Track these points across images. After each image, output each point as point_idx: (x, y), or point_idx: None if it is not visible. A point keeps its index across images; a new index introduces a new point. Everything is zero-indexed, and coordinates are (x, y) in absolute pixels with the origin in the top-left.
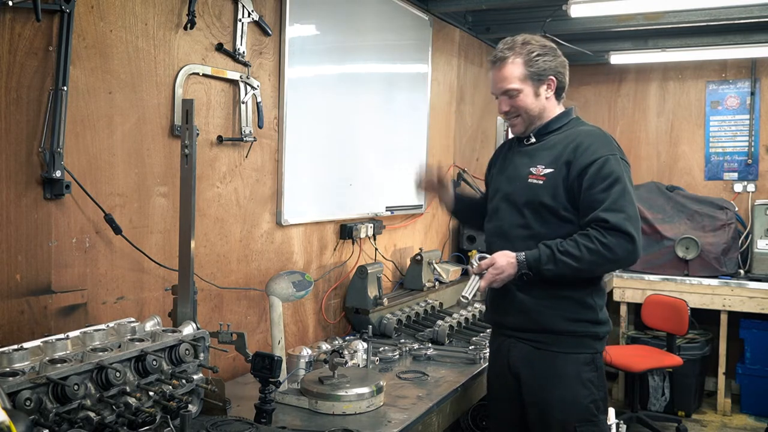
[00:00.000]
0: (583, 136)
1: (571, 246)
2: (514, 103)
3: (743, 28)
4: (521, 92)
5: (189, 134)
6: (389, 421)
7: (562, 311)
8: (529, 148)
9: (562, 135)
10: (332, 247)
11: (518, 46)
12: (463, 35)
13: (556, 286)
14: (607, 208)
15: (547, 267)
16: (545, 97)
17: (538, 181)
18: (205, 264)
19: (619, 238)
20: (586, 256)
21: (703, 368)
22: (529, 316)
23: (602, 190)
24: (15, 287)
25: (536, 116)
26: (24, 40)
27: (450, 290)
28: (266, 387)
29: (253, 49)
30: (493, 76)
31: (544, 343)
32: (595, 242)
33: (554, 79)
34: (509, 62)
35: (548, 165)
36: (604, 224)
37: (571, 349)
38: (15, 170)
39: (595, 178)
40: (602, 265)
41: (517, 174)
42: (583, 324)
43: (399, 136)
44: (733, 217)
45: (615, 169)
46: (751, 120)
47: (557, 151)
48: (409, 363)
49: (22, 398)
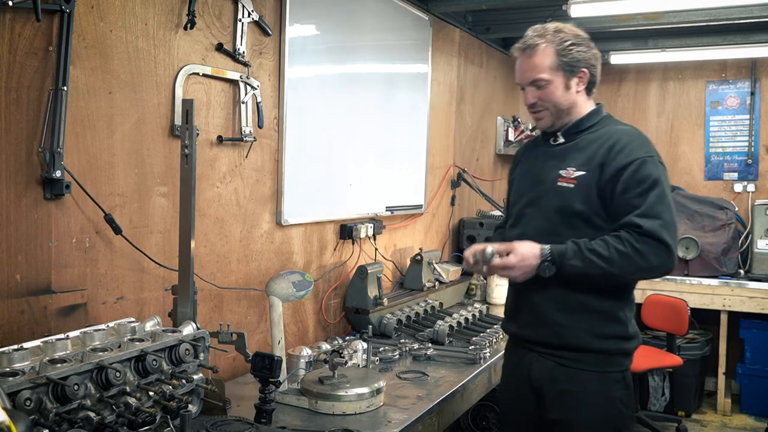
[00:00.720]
0: (618, 135)
1: (599, 245)
2: (542, 95)
3: (743, 28)
4: (551, 83)
5: (189, 134)
6: (389, 421)
7: (590, 326)
8: (558, 149)
9: (595, 135)
10: (332, 247)
11: (550, 34)
12: (463, 35)
13: (584, 297)
14: (642, 214)
15: (572, 262)
16: (576, 90)
17: (568, 185)
18: (205, 264)
19: (653, 246)
20: (615, 258)
21: (703, 368)
22: (553, 331)
23: (638, 195)
24: (15, 287)
25: (565, 111)
26: (24, 40)
27: (450, 290)
28: (266, 387)
29: (253, 49)
30: (521, 65)
31: (569, 359)
32: (626, 245)
33: (587, 71)
34: (540, 50)
35: (580, 167)
36: (638, 230)
37: (598, 366)
38: (15, 170)
39: (631, 181)
40: (633, 271)
41: (544, 177)
42: (612, 341)
43: (399, 136)
44: (733, 217)
45: (652, 172)
46: (751, 120)
47: (590, 153)
48: (409, 363)
49: (22, 398)
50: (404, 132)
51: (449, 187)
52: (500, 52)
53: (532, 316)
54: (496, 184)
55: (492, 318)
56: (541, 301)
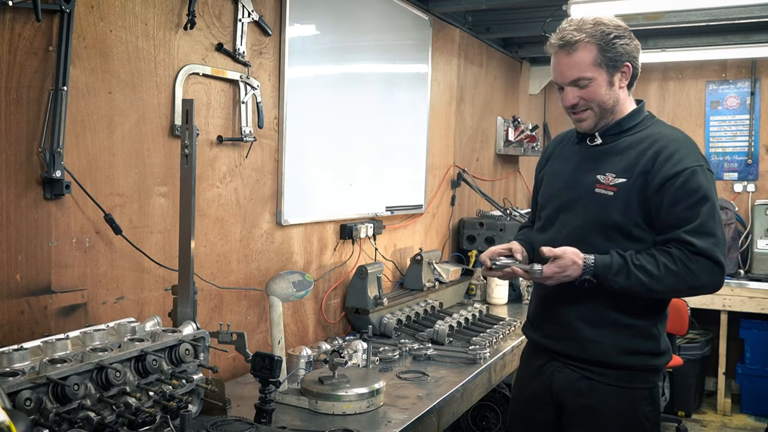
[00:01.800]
0: (664, 141)
1: (648, 261)
2: (585, 95)
3: (743, 28)
4: (594, 81)
5: (189, 134)
6: (389, 421)
7: (621, 343)
8: (595, 151)
9: (636, 137)
10: (332, 247)
11: (590, 27)
12: (463, 35)
13: (616, 314)
14: (694, 231)
15: (617, 279)
16: (619, 87)
17: (607, 192)
18: (205, 264)
19: (706, 266)
20: (664, 277)
21: (703, 368)
22: (581, 345)
23: (688, 208)
24: (15, 287)
25: (609, 110)
26: (24, 40)
27: (450, 290)
28: (266, 387)
29: (253, 49)
30: (559, 63)
31: (595, 373)
32: (678, 264)
33: (630, 66)
34: (581, 45)
35: (620, 174)
36: (691, 248)
37: (626, 383)
38: (15, 170)
39: (680, 193)
40: (682, 291)
41: (579, 181)
42: (641, 357)
43: (399, 136)
44: (733, 217)
45: (703, 183)
46: (751, 120)
47: (631, 158)
48: (409, 363)
49: (22, 398)
50: (404, 132)
51: (449, 187)
52: (500, 52)
53: (560, 328)
54: (496, 184)
55: (492, 318)
56: (572, 315)
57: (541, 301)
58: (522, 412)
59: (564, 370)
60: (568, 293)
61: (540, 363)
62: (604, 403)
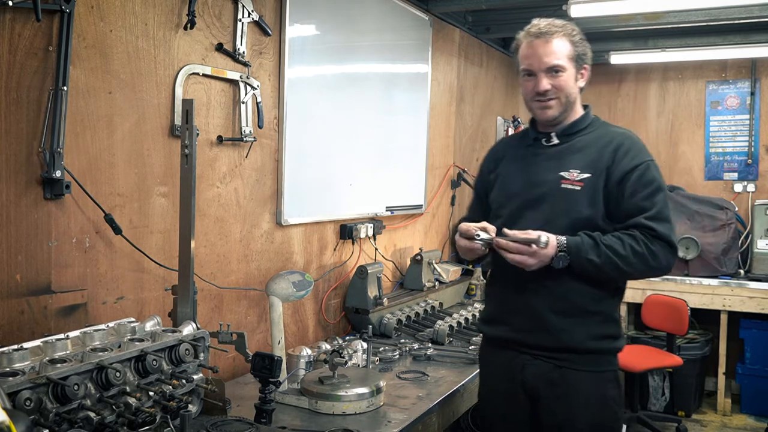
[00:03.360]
0: (620, 138)
1: (615, 243)
2: (557, 83)
3: (743, 28)
4: (566, 72)
5: (189, 134)
6: (389, 421)
7: (590, 329)
8: (554, 150)
9: (591, 137)
10: (332, 247)
11: (561, 25)
12: (463, 35)
13: (582, 300)
14: (653, 217)
15: (590, 257)
16: (579, 86)
17: (574, 187)
18: (205, 264)
19: (665, 249)
20: (631, 258)
21: (703, 368)
22: (553, 335)
23: (645, 198)
24: (15, 287)
25: (571, 104)
26: (24, 40)
27: (450, 290)
28: (266, 387)
29: (253, 49)
30: (537, 50)
31: (566, 360)
32: (642, 246)
33: (587, 69)
34: (558, 36)
35: (584, 170)
36: (652, 232)
37: (595, 367)
38: (15, 170)
39: (638, 184)
40: (643, 272)
41: (543, 179)
42: (607, 340)
43: (399, 136)
44: (733, 217)
45: (656, 176)
46: (751, 120)
47: (593, 155)
48: (409, 363)
49: (22, 398)
50: (404, 132)
51: (449, 187)
52: (500, 52)
53: (530, 320)
54: None
55: None
56: (542, 307)
57: (507, 297)
58: (496, 410)
59: (534, 362)
60: (536, 286)
61: (506, 359)
62: (576, 390)
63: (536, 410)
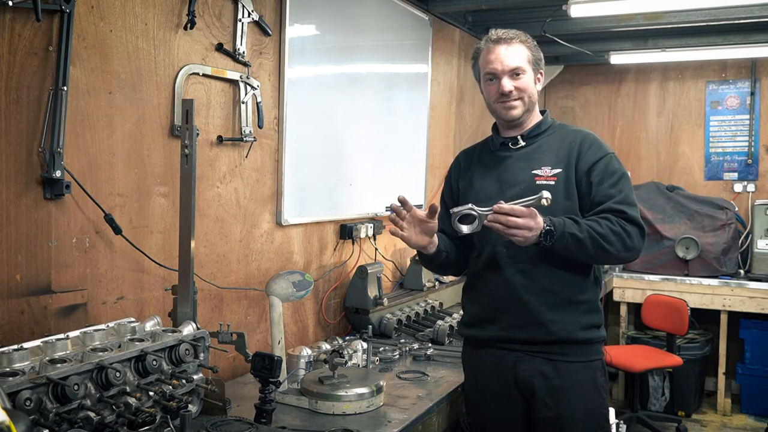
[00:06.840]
0: (581, 135)
1: (593, 223)
2: (520, 85)
3: (743, 28)
4: (527, 74)
5: (189, 134)
6: (389, 421)
7: (579, 319)
8: (522, 152)
9: (554, 136)
10: (332, 247)
11: (517, 33)
12: (463, 35)
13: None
14: (621, 201)
15: (572, 231)
16: (537, 89)
17: (548, 182)
18: (205, 264)
19: (636, 230)
20: (610, 235)
21: (703, 368)
22: (545, 328)
23: (612, 185)
24: (15, 287)
25: (533, 104)
26: (24, 40)
27: (450, 290)
28: (266, 387)
29: (253, 49)
30: (499, 54)
31: (559, 354)
32: (617, 226)
33: (542, 74)
34: (517, 42)
35: (555, 166)
36: (623, 215)
37: (585, 357)
38: (15, 170)
39: (605, 174)
40: (619, 251)
41: (517, 178)
42: (595, 330)
43: (399, 136)
44: (733, 217)
45: (618, 166)
46: (751, 120)
47: (560, 152)
48: (409, 363)
49: (22, 398)
50: (404, 132)
51: None
52: None
53: (522, 316)
54: None
55: None
56: (533, 301)
57: (493, 297)
58: (488, 414)
59: (526, 358)
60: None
61: (495, 359)
62: (570, 380)
63: (531, 406)
